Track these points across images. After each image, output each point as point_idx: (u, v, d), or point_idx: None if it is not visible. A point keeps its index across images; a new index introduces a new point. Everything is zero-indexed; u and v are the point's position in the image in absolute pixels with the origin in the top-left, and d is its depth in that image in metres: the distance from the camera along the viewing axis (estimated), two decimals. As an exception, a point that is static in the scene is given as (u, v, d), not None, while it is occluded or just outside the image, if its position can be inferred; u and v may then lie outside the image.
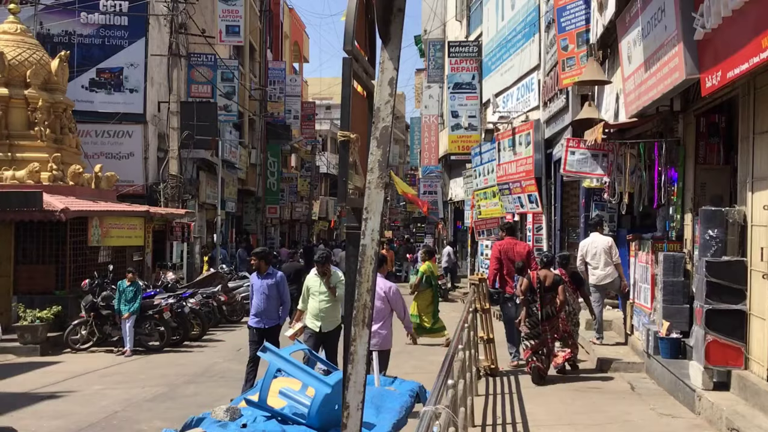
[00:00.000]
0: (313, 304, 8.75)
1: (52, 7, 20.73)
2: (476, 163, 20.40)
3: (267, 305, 9.20)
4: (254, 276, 9.53)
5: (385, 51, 2.65)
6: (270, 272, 9.37)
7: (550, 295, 9.51)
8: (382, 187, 2.56)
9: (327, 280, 8.70)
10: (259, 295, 9.25)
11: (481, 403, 8.23)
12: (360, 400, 2.32)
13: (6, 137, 15.77)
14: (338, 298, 8.66)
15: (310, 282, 8.84)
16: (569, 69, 13.06)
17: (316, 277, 8.80)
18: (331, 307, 8.70)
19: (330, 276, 8.76)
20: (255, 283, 9.39)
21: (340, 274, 8.73)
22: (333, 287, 8.67)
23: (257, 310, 9.25)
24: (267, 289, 9.23)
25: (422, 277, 13.57)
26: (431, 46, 29.12)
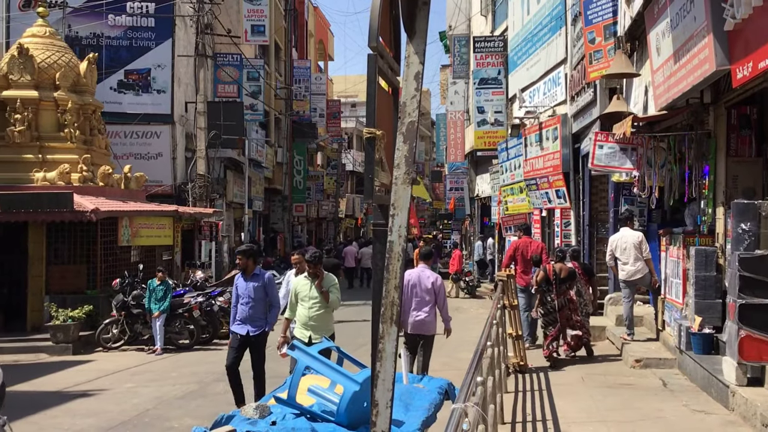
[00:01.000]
0: (302, 311, 7.95)
1: (80, 9, 20.99)
2: (503, 159, 20.27)
3: (253, 310, 8.33)
4: (239, 278, 8.53)
5: (410, 45, 2.63)
6: (257, 273, 8.44)
7: (565, 286, 10.47)
8: (409, 183, 2.54)
9: (318, 283, 7.89)
10: (244, 300, 8.36)
11: (510, 400, 8.19)
12: (389, 398, 2.31)
13: (36, 139, 15.99)
14: (331, 304, 7.97)
15: (299, 286, 8.01)
16: (597, 62, 12.90)
17: (305, 281, 7.99)
18: (323, 315, 7.93)
19: (322, 279, 7.93)
20: (240, 285, 8.42)
21: (333, 277, 8.10)
22: (325, 291, 7.91)
23: (242, 316, 8.34)
24: (253, 292, 8.34)
25: None
26: (456, 41, 28.99)
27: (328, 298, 7.91)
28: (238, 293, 8.42)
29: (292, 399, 5.05)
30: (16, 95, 15.82)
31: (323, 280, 7.95)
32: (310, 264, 7.96)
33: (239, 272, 8.65)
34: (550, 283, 10.39)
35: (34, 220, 14.34)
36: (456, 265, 22.97)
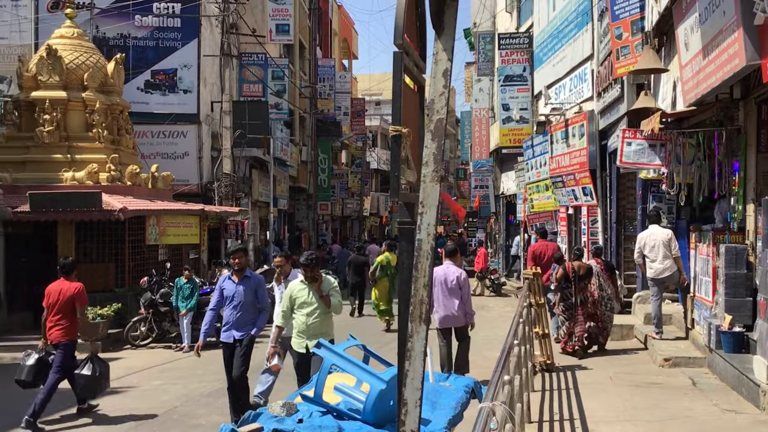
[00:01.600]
0: (300, 318, 7.37)
1: (107, 10, 21.21)
2: (528, 156, 20.16)
3: (243, 315, 7.87)
4: (226, 280, 8.02)
5: (438, 42, 2.61)
6: (248, 275, 7.98)
7: (583, 282, 11.01)
8: (437, 181, 2.53)
9: (317, 287, 7.27)
10: (232, 304, 7.87)
11: (537, 399, 8.14)
12: (418, 397, 2.30)
13: (65, 139, 16.19)
14: (333, 309, 7.37)
15: (295, 291, 7.39)
16: (624, 58, 12.77)
17: (302, 285, 7.37)
18: (323, 321, 7.35)
19: (321, 282, 7.32)
20: (228, 288, 7.91)
21: (333, 280, 7.48)
22: (325, 296, 7.29)
23: (229, 321, 7.88)
24: (243, 295, 7.86)
25: (377, 267, 16.04)
26: (481, 38, 28.86)
27: (328, 302, 7.28)
28: (225, 296, 7.92)
29: (319, 397, 5.06)
30: (45, 96, 16.03)
31: (322, 283, 7.33)
32: (306, 267, 7.27)
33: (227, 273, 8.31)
34: (569, 280, 11.02)
35: (64, 219, 14.53)
36: (481, 263, 22.90)
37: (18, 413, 8.26)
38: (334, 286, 7.42)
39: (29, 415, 8.02)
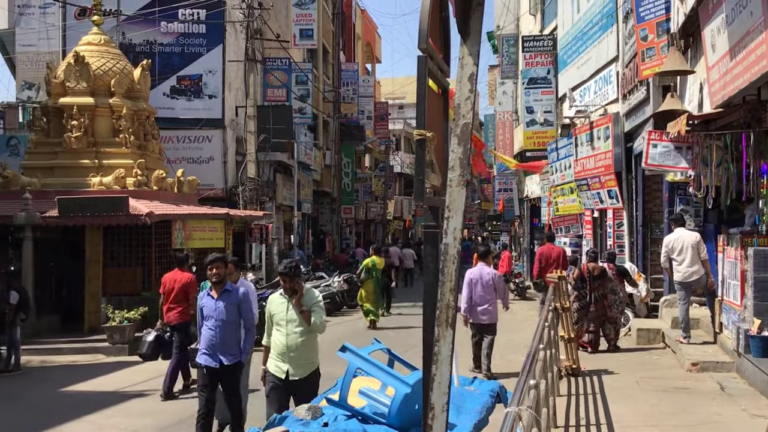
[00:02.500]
0: (278, 338, 6.29)
1: (133, 17, 21.46)
2: (552, 159, 20.04)
3: (224, 335, 6.86)
4: (205, 296, 7.07)
5: (464, 46, 2.61)
6: (229, 288, 6.99)
7: (597, 282, 11.69)
8: (463, 185, 2.53)
9: (297, 301, 6.23)
10: (212, 322, 6.87)
11: (563, 404, 8.08)
12: (445, 402, 2.30)
13: (93, 145, 16.39)
14: (314, 329, 6.27)
15: (273, 305, 6.39)
16: (649, 60, 12.67)
17: (281, 299, 6.35)
18: (305, 343, 6.26)
19: (302, 295, 6.28)
20: (207, 304, 6.96)
21: (317, 294, 6.46)
22: (306, 311, 6.22)
23: (210, 343, 6.87)
24: (225, 312, 6.86)
25: (362, 269, 17.00)
26: (504, 41, 28.78)
27: (309, 319, 6.20)
28: (204, 314, 6.96)
29: (344, 400, 5.07)
30: (73, 102, 16.24)
31: (303, 296, 6.28)
32: (284, 277, 6.24)
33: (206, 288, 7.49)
34: (585, 281, 11.73)
35: (91, 223, 14.70)
36: (505, 267, 22.79)
37: (50, 411, 8.37)
38: (317, 300, 6.33)
39: (165, 389, 9.72)
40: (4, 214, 14.46)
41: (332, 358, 9.40)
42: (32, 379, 11.64)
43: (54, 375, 11.84)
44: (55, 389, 10.69)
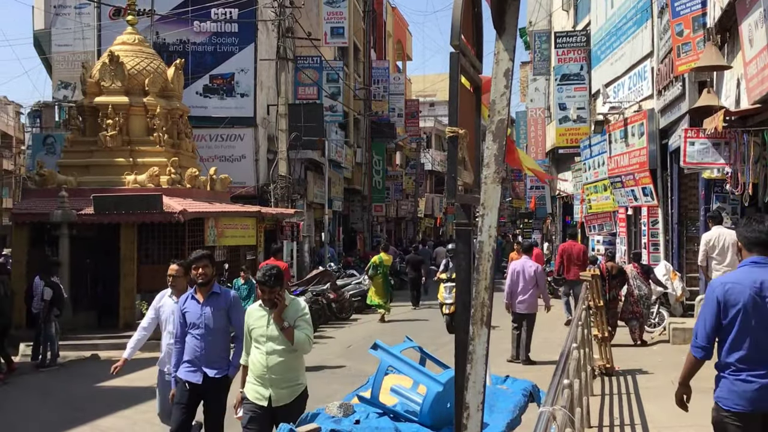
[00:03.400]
0: (257, 357, 5.41)
1: (167, 17, 21.69)
2: (585, 156, 19.83)
3: (212, 346, 5.97)
4: (188, 300, 6.09)
5: (499, 42, 2.58)
6: (216, 291, 6.08)
7: (615, 281, 12.03)
8: (498, 182, 2.50)
9: (278, 315, 5.32)
10: (197, 331, 5.97)
11: (597, 404, 7.99)
12: (480, 401, 2.27)
13: (128, 143, 16.60)
14: (298, 347, 5.35)
15: (251, 319, 5.50)
16: (685, 55, 12.45)
17: (260, 312, 5.45)
18: (288, 363, 5.40)
19: (284, 308, 5.36)
20: (190, 310, 6.01)
21: (302, 305, 5.55)
22: (288, 328, 5.32)
23: (194, 355, 5.96)
24: (212, 319, 5.96)
25: (370, 266, 18.03)
26: (537, 37, 28.55)
27: (292, 336, 5.29)
28: (186, 321, 6.01)
29: (375, 398, 5.06)
30: (108, 101, 16.46)
31: (287, 308, 5.38)
32: (263, 287, 5.31)
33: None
34: (603, 279, 11.83)
35: (126, 221, 14.90)
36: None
37: (86, 406, 8.49)
38: (303, 314, 5.43)
39: None
40: (41, 212, 14.72)
41: (364, 355, 9.43)
42: (69, 374, 11.84)
43: (90, 370, 12.02)
44: (91, 384, 10.85)
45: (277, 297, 5.28)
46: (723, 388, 4.26)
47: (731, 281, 4.20)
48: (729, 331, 4.12)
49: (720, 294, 4.14)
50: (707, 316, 4.20)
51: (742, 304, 4.06)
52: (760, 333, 4.04)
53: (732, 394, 4.17)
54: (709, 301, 4.21)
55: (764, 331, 4.04)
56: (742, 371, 4.11)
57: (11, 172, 45.43)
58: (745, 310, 4.05)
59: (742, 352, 4.10)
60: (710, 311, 4.17)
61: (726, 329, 4.13)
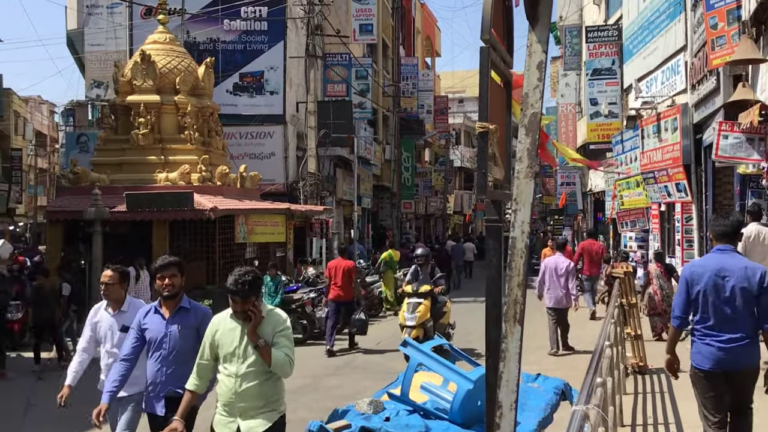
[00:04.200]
0: (225, 381, 4.46)
1: (197, 16, 21.87)
2: (617, 152, 19.60)
3: (178, 371, 4.96)
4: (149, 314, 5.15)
5: (532, 34, 2.54)
6: (184, 306, 5.16)
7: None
8: (531, 177, 2.46)
9: (253, 330, 4.39)
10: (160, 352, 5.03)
11: (629, 402, 7.89)
12: (513, 400, 2.24)
13: (159, 141, 16.77)
14: (276, 369, 4.40)
15: (220, 333, 4.53)
16: (719, 48, 12.23)
17: (232, 323, 4.50)
18: (262, 389, 4.43)
19: (260, 322, 4.42)
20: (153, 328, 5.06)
21: (282, 317, 4.56)
22: (265, 346, 4.35)
23: (155, 382, 5.05)
24: (178, 339, 5.02)
25: (381, 262, 18.58)
26: (567, 32, 28.27)
27: (269, 357, 4.34)
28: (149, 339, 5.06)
29: (405, 395, 5.05)
30: (139, 100, 16.64)
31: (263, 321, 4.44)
32: (235, 296, 4.39)
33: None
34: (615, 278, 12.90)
35: (158, 218, 15.05)
36: (567, 262, 22.44)
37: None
38: (283, 329, 4.46)
39: (329, 347, 12.27)
40: (75, 210, 14.93)
41: (394, 352, 9.43)
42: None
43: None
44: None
45: (251, 309, 4.38)
46: (694, 350, 5.14)
47: (697, 265, 5.23)
48: (696, 305, 5.05)
49: (687, 275, 5.13)
50: (680, 293, 5.17)
51: (704, 283, 4.99)
52: (720, 307, 4.95)
53: (699, 355, 5.07)
54: (681, 281, 5.20)
55: (723, 305, 4.94)
56: (707, 337, 5.01)
57: (46, 171, 46.24)
58: (706, 288, 4.98)
59: (706, 322, 5.01)
60: (681, 289, 5.15)
61: (694, 304, 5.07)
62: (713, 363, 4.97)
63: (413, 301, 11.26)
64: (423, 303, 11.20)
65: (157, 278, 5.13)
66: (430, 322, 11.31)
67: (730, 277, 4.93)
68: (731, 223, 5.16)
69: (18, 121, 36.33)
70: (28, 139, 39.60)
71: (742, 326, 4.91)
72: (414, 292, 11.39)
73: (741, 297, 4.90)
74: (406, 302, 11.37)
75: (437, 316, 11.64)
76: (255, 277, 4.47)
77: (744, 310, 4.90)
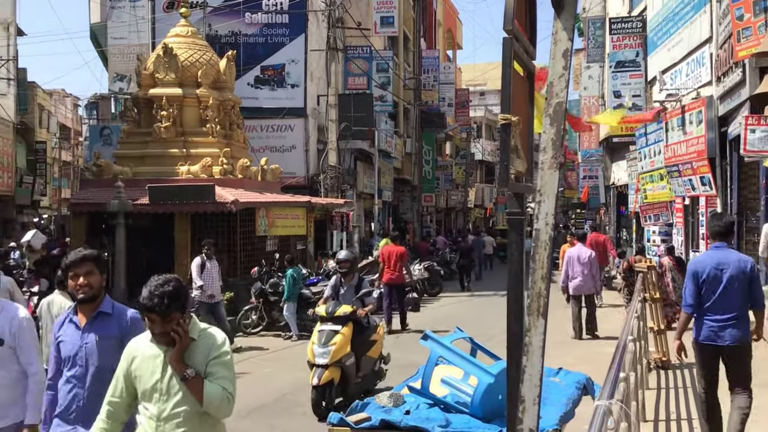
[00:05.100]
0: (146, 426, 3.43)
1: (219, 9, 21.94)
2: (641, 145, 19.38)
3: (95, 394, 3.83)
4: (65, 323, 4.07)
5: (558, 21, 2.49)
6: (105, 311, 4.05)
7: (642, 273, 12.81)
8: (556, 168, 2.42)
9: (176, 357, 3.36)
10: (76, 370, 3.95)
11: (652, 397, 7.82)
12: (536, 394, 2.21)
13: (181, 134, 16.85)
14: (209, 409, 3.37)
15: (135, 361, 3.46)
16: (745, 40, 12.04)
17: (153, 350, 3.44)
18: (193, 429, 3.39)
19: (186, 346, 3.39)
20: (67, 339, 4.00)
21: (220, 338, 3.48)
22: (194, 378, 3.33)
23: (68, 409, 3.95)
24: (97, 353, 3.94)
25: None
26: (590, 24, 28.00)
27: (200, 392, 3.32)
28: (63, 354, 3.99)
29: (426, 389, 5.03)
30: (162, 93, 16.73)
31: (190, 347, 3.40)
32: (150, 314, 3.34)
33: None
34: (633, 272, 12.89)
35: (180, 211, 15.14)
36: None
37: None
38: (219, 355, 3.41)
39: (386, 323, 13.22)
40: (98, 202, 15.05)
41: (414, 345, 9.37)
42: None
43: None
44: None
45: (175, 329, 3.31)
46: (697, 328, 6.15)
47: (700, 260, 6.30)
48: (701, 293, 6.05)
49: (693, 269, 6.16)
50: (688, 284, 6.16)
51: (705, 274, 6.02)
52: (717, 293, 5.98)
53: (701, 331, 6.08)
54: (688, 274, 6.21)
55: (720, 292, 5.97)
56: (707, 317, 6.03)
57: (69, 163, 46.74)
58: (707, 278, 6.01)
59: (707, 305, 6.02)
60: (689, 280, 6.15)
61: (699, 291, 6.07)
62: (711, 338, 6.01)
63: (327, 328, 8.32)
64: (340, 332, 8.22)
65: (69, 277, 4.05)
66: (351, 358, 8.30)
67: (727, 268, 5.96)
68: (724, 224, 6.22)
69: (42, 115, 36.72)
70: (52, 132, 40.01)
71: (734, 307, 5.95)
72: (328, 316, 8.45)
73: (736, 283, 5.94)
74: (316, 330, 8.41)
75: (362, 347, 8.61)
76: (177, 288, 3.34)
77: (736, 294, 5.95)
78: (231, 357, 3.51)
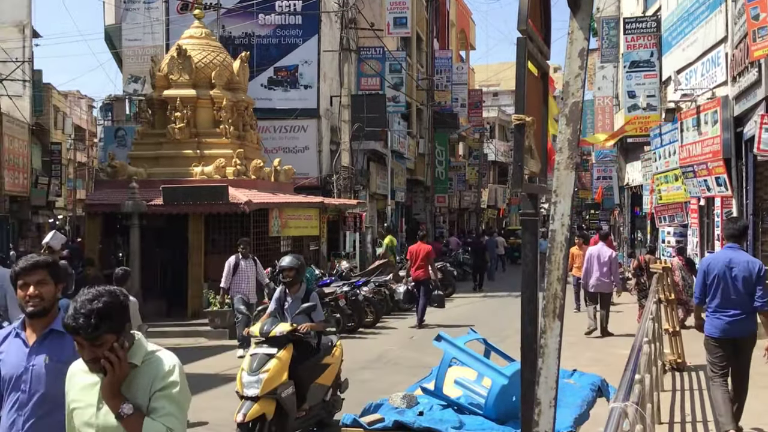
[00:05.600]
0: None
1: (233, 10, 22.00)
2: (656, 145, 19.27)
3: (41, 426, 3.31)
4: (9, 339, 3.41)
5: (573, 20, 2.48)
6: (57, 328, 3.30)
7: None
8: (572, 168, 2.41)
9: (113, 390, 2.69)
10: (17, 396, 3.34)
11: (667, 399, 7.77)
12: (552, 397, 2.20)
13: (195, 135, 16.91)
14: None
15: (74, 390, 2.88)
16: (761, 39, 11.94)
17: (88, 378, 2.81)
18: None
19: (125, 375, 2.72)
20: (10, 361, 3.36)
21: (167, 365, 2.83)
22: (133, 415, 2.66)
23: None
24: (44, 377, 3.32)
25: (386, 249, 19.97)
26: (605, 23, 27.88)
27: (137, 430, 2.67)
28: (4, 374, 3.36)
29: (439, 390, 5.02)
30: (176, 94, 16.79)
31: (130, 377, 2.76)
32: (77, 337, 2.68)
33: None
34: (643, 270, 13.49)
35: (194, 212, 15.20)
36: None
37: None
38: (166, 386, 2.79)
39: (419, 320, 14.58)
40: (113, 203, 15.14)
41: (427, 346, 9.37)
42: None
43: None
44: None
45: (107, 356, 2.68)
46: (707, 323, 6.64)
47: (712, 258, 6.84)
48: (710, 289, 6.54)
49: (704, 266, 6.69)
50: (698, 280, 6.72)
51: (716, 272, 6.47)
52: (727, 290, 6.43)
53: (711, 326, 6.58)
54: (700, 271, 6.78)
55: (730, 289, 6.42)
56: (717, 312, 6.51)
57: (84, 164, 47.03)
58: (717, 276, 6.46)
59: (716, 300, 6.49)
60: (699, 276, 6.71)
61: (708, 287, 6.56)
62: (721, 332, 6.48)
63: (260, 351, 6.76)
64: (276, 356, 6.66)
65: (19, 287, 3.41)
66: (289, 388, 6.70)
67: (736, 268, 6.39)
68: (738, 227, 6.76)
69: (57, 116, 37.00)
70: (67, 133, 40.30)
71: (741, 305, 6.38)
72: (262, 336, 6.93)
73: (742, 283, 6.35)
74: (248, 354, 6.93)
75: (310, 373, 7.11)
76: (110, 304, 2.69)
77: (744, 293, 6.36)
78: (181, 388, 2.83)
